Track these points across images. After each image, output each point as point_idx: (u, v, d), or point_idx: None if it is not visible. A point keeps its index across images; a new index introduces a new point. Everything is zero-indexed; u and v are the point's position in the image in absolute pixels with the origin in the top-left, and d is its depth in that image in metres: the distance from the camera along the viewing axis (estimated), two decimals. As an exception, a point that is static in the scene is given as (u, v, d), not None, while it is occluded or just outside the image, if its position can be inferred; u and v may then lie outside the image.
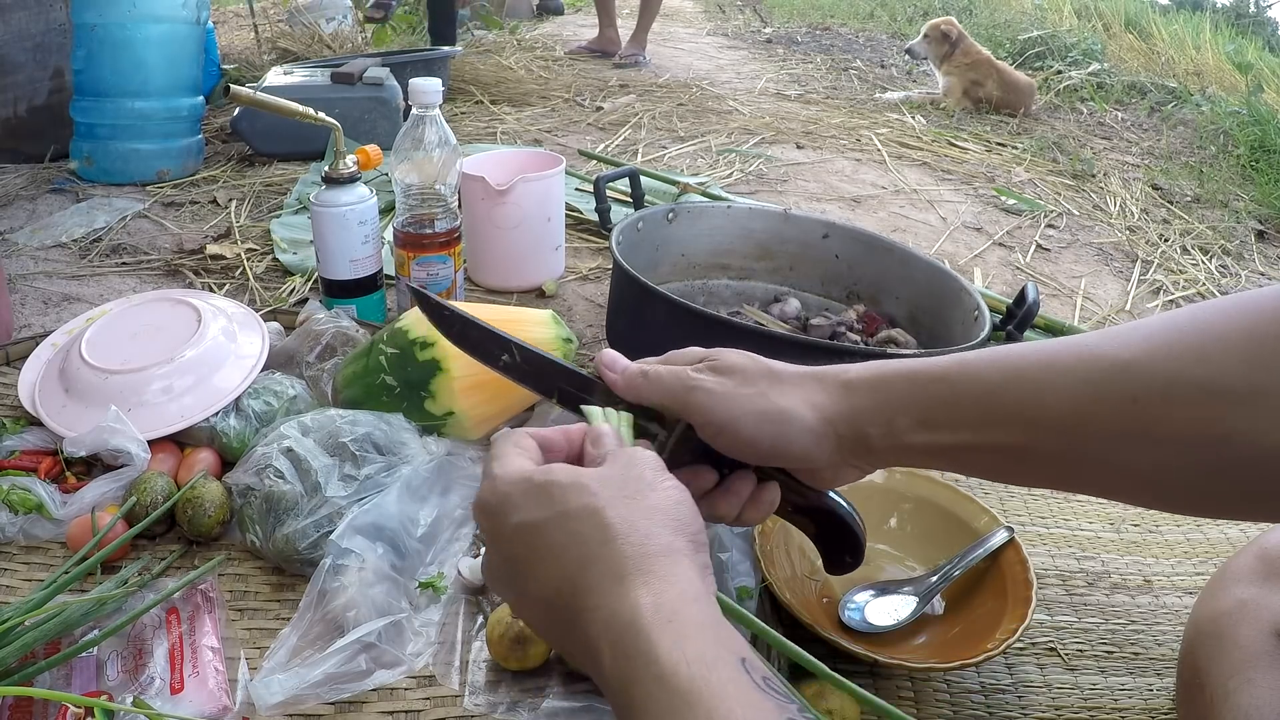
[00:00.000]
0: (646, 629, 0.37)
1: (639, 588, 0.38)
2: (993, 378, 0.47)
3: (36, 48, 1.78)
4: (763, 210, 1.25)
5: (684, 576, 0.39)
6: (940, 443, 0.48)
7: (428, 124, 1.04)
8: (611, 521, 0.41)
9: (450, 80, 2.58)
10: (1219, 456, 0.41)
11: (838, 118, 2.65)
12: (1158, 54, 3.92)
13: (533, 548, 0.42)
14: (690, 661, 0.35)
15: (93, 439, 0.80)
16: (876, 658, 0.66)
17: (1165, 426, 0.42)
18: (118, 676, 0.63)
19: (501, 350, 0.56)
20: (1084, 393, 0.44)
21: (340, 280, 1.11)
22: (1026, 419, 0.45)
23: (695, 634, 0.37)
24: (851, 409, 0.49)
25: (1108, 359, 0.44)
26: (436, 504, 0.79)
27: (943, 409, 0.48)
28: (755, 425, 0.49)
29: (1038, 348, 0.47)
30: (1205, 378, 0.41)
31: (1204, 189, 2.21)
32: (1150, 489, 0.46)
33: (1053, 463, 0.46)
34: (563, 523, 0.42)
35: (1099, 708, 0.70)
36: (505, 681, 0.66)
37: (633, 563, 0.39)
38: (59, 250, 1.43)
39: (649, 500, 0.42)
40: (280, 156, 1.90)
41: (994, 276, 1.60)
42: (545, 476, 0.43)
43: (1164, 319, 0.44)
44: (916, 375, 0.49)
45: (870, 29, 4.92)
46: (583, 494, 0.42)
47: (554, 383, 0.56)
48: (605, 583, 0.39)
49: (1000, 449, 0.47)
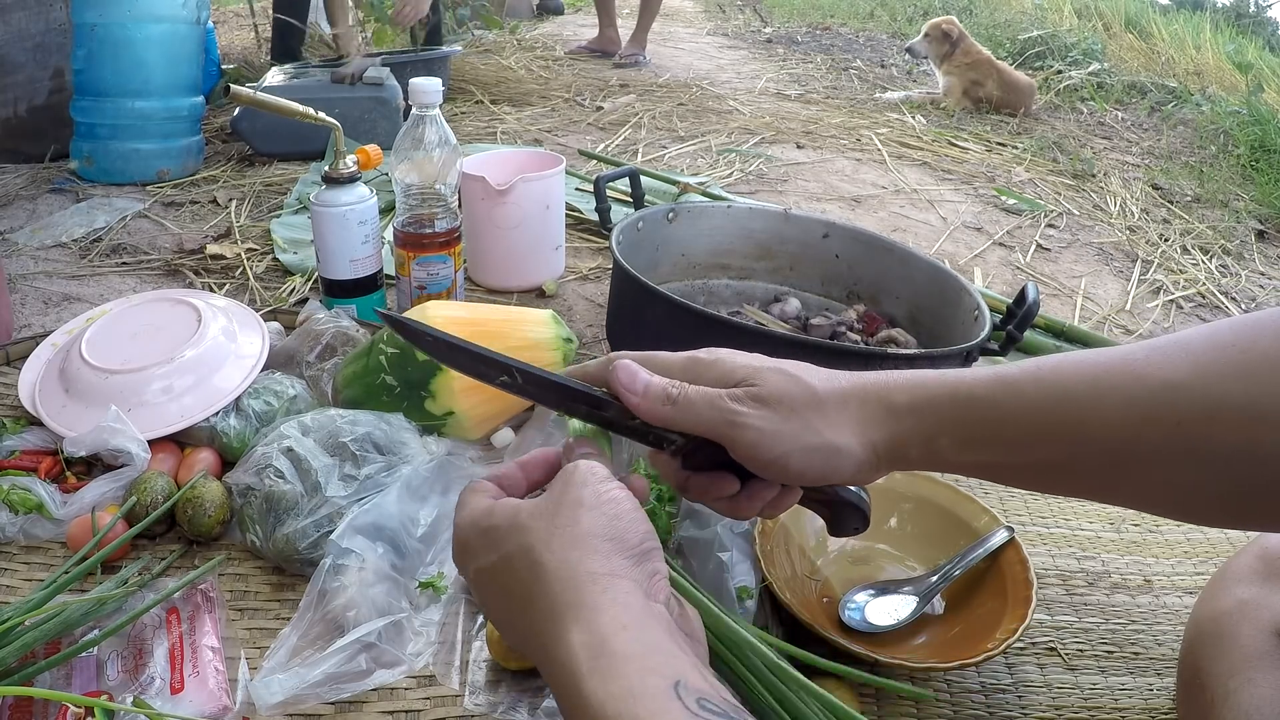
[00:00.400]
0: (575, 672, 0.37)
1: (570, 625, 0.38)
2: (1038, 398, 0.46)
3: (36, 47, 1.78)
4: (763, 210, 1.25)
5: (617, 603, 0.39)
6: (981, 461, 0.48)
7: (428, 124, 1.04)
8: (541, 559, 0.41)
9: (450, 80, 2.58)
10: (1257, 477, 0.42)
11: (838, 117, 2.65)
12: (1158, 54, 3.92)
13: (489, 592, 0.44)
14: (616, 698, 0.35)
15: (93, 439, 0.80)
16: (876, 657, 0.66)
17: (1207, 447, 0.42)
18: (118, 676, 0.63)
19: (499, 373, 0.53)
20: (1130, 415, 0.44)
21: (340, 280, 1.11)
22: (1071, 439, 0.45)
23: (622, 668, 0.36)
24: (895, 433, 0.49)
25: (1154, 380, 0.44)
26: (437, 504, 0.79)
27: (986, 429, 0.47)
28: (803, 460, 0.48)
29: (1081, 364, 0.46)
30: (1249, 401, 0.41)
31: (1204, 189, 2.21)
32: (1186, 505, 0.46)
33: (1092, 479, 0.47)
34: (505, 565, 0.42)
35: (1099, 708, 0.70)
36: (505, 681, 0.66)
37: (563, 599, 0.39)
38: (59, 250, 1.43)
39: (581, 526, 0.42)
40: (280, 156, 1.90)
41: (994, 276, 1.60)
42: (488, 520, 0.44)
43: (1208, 335, 0.44)
44: (959, 396, 0.48)
45: (870, 29, 4.92)
46: (517, 534, 0.42)
47: (560, 402, 0.53)
48: (543, 623, 0.40)
49: (1042, 466, 0.47)
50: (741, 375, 0.49)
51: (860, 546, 0.81)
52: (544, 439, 0.87)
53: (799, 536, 0.79)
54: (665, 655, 0.37)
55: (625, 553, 0.41)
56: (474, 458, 0.87)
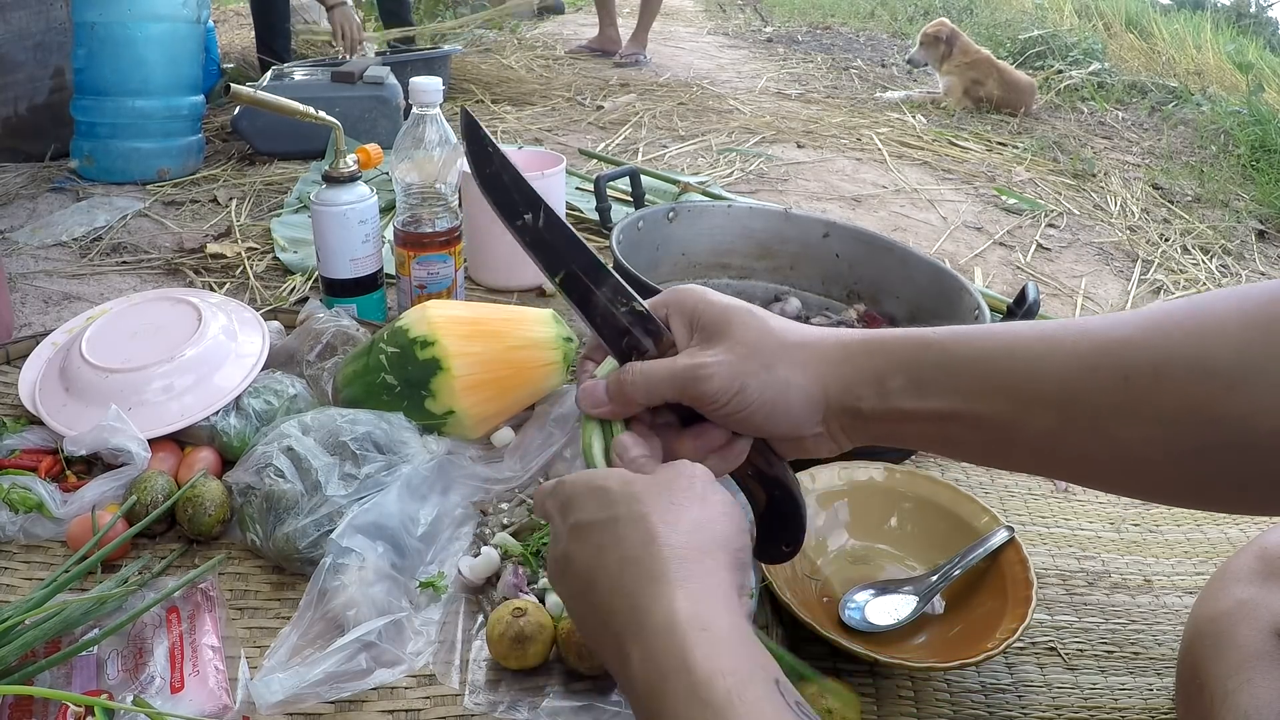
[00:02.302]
0: (681, 635, 0.36)
1: (675, 590, 0.39)
2: (988, 347, 0.47)
3: (37, 47, 1.78)
4: (763, 209, 1.25)
5: (721, 585, 0.40)
6: (928, 408, 0.47)
7: (428, 123, 1.04)
8: (654, 526, 0.42)
9: (451, 79, 2.58)
10: (1209, 438, 0.41)
11: (838, 117, 2.65)
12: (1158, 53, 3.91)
13: (582, 545, 0.44)
14: (726, 674, 0.35)
15: (93, 438, 0.80)
16: (876, 657, 0.66)
17: (1155, 405, 0.41)
18: (118, 675, 0.63)
19: (527, 207, 0.52)
20: (1076, 367, 0.44)
21: (340, 279, 1.11)
22: (1018, 390, 0.45)
23: (730, 647, 0.36)
24: (847, 370, 0.49)
25: (1101, 335, 0.44)
26: (437, 503, 0.79)
27: (935, 372, 0.47)
28: (758, 394, 0.48)
29: (1034, 324, 0.47)
30: (1198, 357, 0.41)
31: (1204, 189, 2.21)
32: (1138, 472, 0.44)
33: (1040, 439, 0.46)
34: (612, 526, 0.43)
35: (1099, 708, 0.70)
36: (505, 680, 0.66)
37: (671, 565, 0.40)
38: (59, 249, 1.43)
39: (695, 511, 0.43)
40: (280, 155, 1.90)
41: (994, 276, 1.60)
42: (602, 482, 0.45)
43: (1161, 304, 0.45)
44: (912, 338, 0.49)
45: (871, 28, 4.91)
46: (632, 502, 0.43)
47: (565, 262, 0.52)
48: (641, 583, 0.40)
49: (988, 420, 0.46)
50: (708, 317, 0.51)
51: (860, 546, 0.81)
52: (544, 438, 0.87)
53: (799, 536, 0.79)
54: (762, 650, 0.38)
55: (728, 552, 0.42)
56: (474, 457, 0.87)
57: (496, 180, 0.53)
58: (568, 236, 0.52)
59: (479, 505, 0.82)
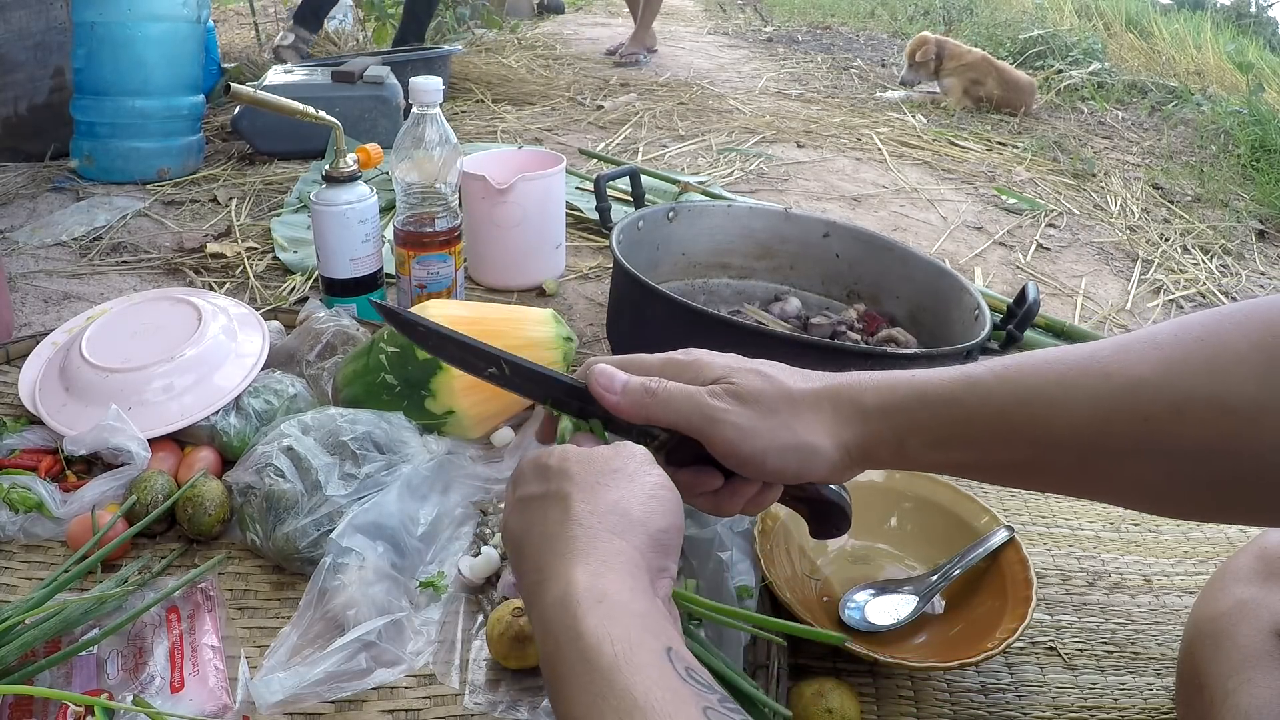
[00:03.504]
0: (575, 605, 0.38)
1: (577, 566, 0.40)
2: (1003, 398, 0.47)
3: (37, 46, 1.78)
4: (763, 209, 1.25)
5: (627, 563, 0.40)
6: (950, 460, 0.49)
7: (428, 122, 1.04)
8: (574, 506, 0.43)
9: (451, 79, 2.58)
10: (1227, 471, 0.42)
11: (838, 117, 2.65)
12: (1158, 53, 3.91)
13: (518, 518, 0.46)
14: (615, 640, 0.36)
15: (93, 437, 0.80)
16: (876, 657, 0.66)
17: (1176, 442, 0.42)
18: (118, 675, 0.63)
19: (487, 365, 0.55)
20: (1096, 413, 0.44)
21: (340, 279, 1.11)
22: (1037, 438, 0.46)
23: (622, 617, 0.38)
24: (865, 434, 0.50)
25: (1120, 377, 0.44)
26: (437, 503, 0.79)
27: (953, 430, 0.48)
28: (780, 459, 0.49)
29: (1046, 362, 0.47)
30: (1217, 394, 0.41)
31: (1204, 189, 2.21)
32: (1158, 500, 0.46)
33: (1062, 476, 0.47)
34: (540, 501, 0.44)
35: (1099, 707, 0.70)
36: (505, 680, 0.66)
37: (579, 544, 0.41)
38: (59, 249, 1.43)
39: (617, 492, 0.44)
40: (281, 155, 1.90)
41: (994, 276, 1.60)
42: (546, 457, 0.46)
43: (1176, 330, 0.44)
44: (927, 398, 0.49)
45: (871, 28, 4.91)
46: (561, 477, 0.44)
47: (547, 393, 0.54)
48: (549, 557, 0.41)
49: (1010, 465, 0.48)
50: (718, 374, 0.51)
51: (860, 546, 0.81)
52: (544, 438, 0.87)
53: (799, 536, 0.79)
54: (660, 621, 0.39)
55: (644, 534, 0.43)
56: (474, 457, 0.87)
57: (445, 352, 0.56)
58: (537, 375, 0.54)
59: (479, 505, 0.82)
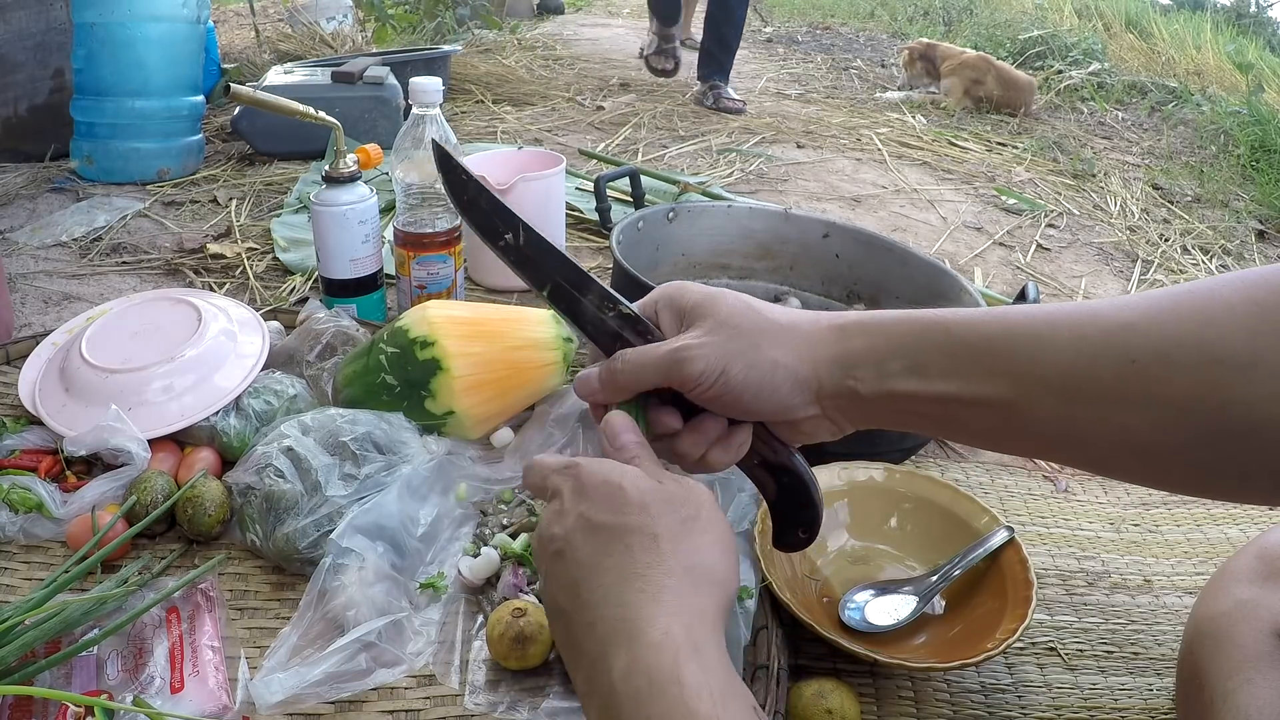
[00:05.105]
0: (674, 651, 0.38)
1: (672, 615, 0.40)
2: (991, 329, 0.46)
3: (37, 47, 1.78)
4: (763, 210, 1.25)
5: (712, 622, 0.42)
6: (930, 391, 0.46)
7: (428, 123, 1.04)
8: (663, 550, 0.43)
9: (451, 79, 2.58)
10: (1216, 425, 0.40)
11: (838, 117, 2.65)
12: (1158, 54, 3.91)
13: (586, 540, 0.44)
14: (714, 692, 0.37)
15: (93, 438, 0.80)
16: (876, 657, 0.66)
17: (1163, 390, 0.41)
18: (118, 675, 0.63)
19: (506, 228, 0.54)
20: (1082, 350, 0.43)
21: (340, 279, 1.11)
22: (1021, 373, 0.44)
23: (717, 670, 0.39)
24: (842, 352, 0.48)
25: (1108, 319, 0.43)
26: (437, 503, 0.79)
27: (937, 354, 0.46)
28: (742, 375, 0.48)
29: (1040, 307, 0.46)
30: (1207, 342, 0.40)
31: (1204, 189, 2.21)
32: (1143, 458, 0.44)
33: (1044, 424, 0.45)
34: (622, 535, 0.43)
35: (1099, 708, 0.70)
36: (505, 681, 0.66)
37: (672, 594, 0.41)
38: (59, 249, 1.43)
39: (698, 540, 0.44)
40: (280, 156, 1.90)
41: (994, 276, 1.60)
42: (619, 480, 0.45)
43: (1168, 289, 0.43)
44: (912, 319, 0.48)
45: (871, 28, 4.91)
46: (644, 515, 0.44)
47: (550, 274, 0.53)
48: (640, 599, 0.41)
49: (991, 404, 0.45)
50: (694, 302, 0.51)
51: (860, 546, 0.81)
52: (544, 439, 0.87)
53: (799, 536, 0.79)
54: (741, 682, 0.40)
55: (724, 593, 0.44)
56: (474, 457, 0.87)
57: (474, 205, 0.56)
58: (549, 251, 0.54)
59: (479, 505, 0.82)
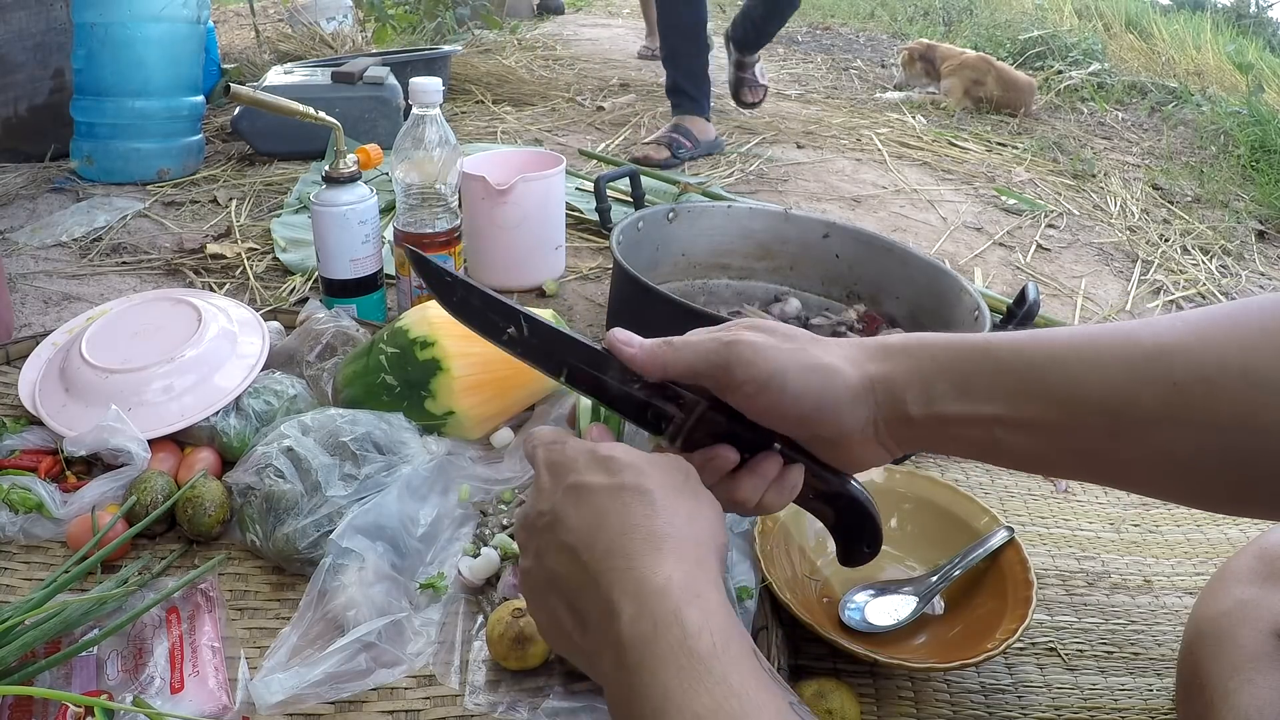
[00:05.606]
0: (677, 596, 0.39)
1: (673, 562, 0.41)
2: (1035, 352, 0.46)
3: (37, 47, 1.78)
4: (763, 210, 1.25)
5: (712, 571, 0.42)
6: (977, 414, 0.47)
7: (428, 123, 1.04)
8: (658, 502, 0.44)
9: (451, 80, 2.58)
10: (1256, 448, 0.41)
11: (838, 117, 2.65)
12: (1158, 54, 3.91)
13: (577, 504, 0.45)
14: (714, 632, 0.38)
15: (93, 438, 0.80)
16: (876, 657, 0.66)
17: (1206, 413, 0.42)
18: (118, 676, 0.63)
19: (507, 322, 0.52)
20: (1127, 375, 0.44)
21: (340, 280, 1.11)
22: (1067, 396, 0.45)
23: (717, 613, 0.39)
24: (890, 371, 0.49)
25: (1149, 343, 0.44)
26: (436, 503, 0.79)
27: (982, 377, 0.47)
28: (800, 380, 0.48)
29: (1080, 329, 0.47)
30: (1247, 367, 0.41)
31: (1204, 189, 2.21)
32: (1185, 479, 0.45)
33: (1089, 446, 0.46)
34: (615, 492, 0.44)
35: (1099, 708, 0.70)
36: (505, 681, 0.66)
37: (671, 542, 0.42)
38: (59, 249, 1.43)
39: (690, 502, 0.45)
40: (280, 156, 1.90)
41: (994, 276, 1.60)
42: (608, 451, 0.46)
43: (1202, 311, 0.45)
44: (955, 343, 0.48)
45: (871, 28, 4.91)
46: (638, 474, 0.45)
47: (564, 360, 0.52)
48: (642, 549, 0.42)
49: (1036, 426, 0.46)
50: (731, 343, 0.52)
51: (860, 546, 0.81)
52: (544, 439, 0.87)
53: (799, 537, 0.79)
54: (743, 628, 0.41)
55: (717, 547, 0.44)
56: (474, 457, 0.87)
57: (466, 305, 0.54)
58: (557, 336, 0.53)
59: (479, 505, 0.82)
